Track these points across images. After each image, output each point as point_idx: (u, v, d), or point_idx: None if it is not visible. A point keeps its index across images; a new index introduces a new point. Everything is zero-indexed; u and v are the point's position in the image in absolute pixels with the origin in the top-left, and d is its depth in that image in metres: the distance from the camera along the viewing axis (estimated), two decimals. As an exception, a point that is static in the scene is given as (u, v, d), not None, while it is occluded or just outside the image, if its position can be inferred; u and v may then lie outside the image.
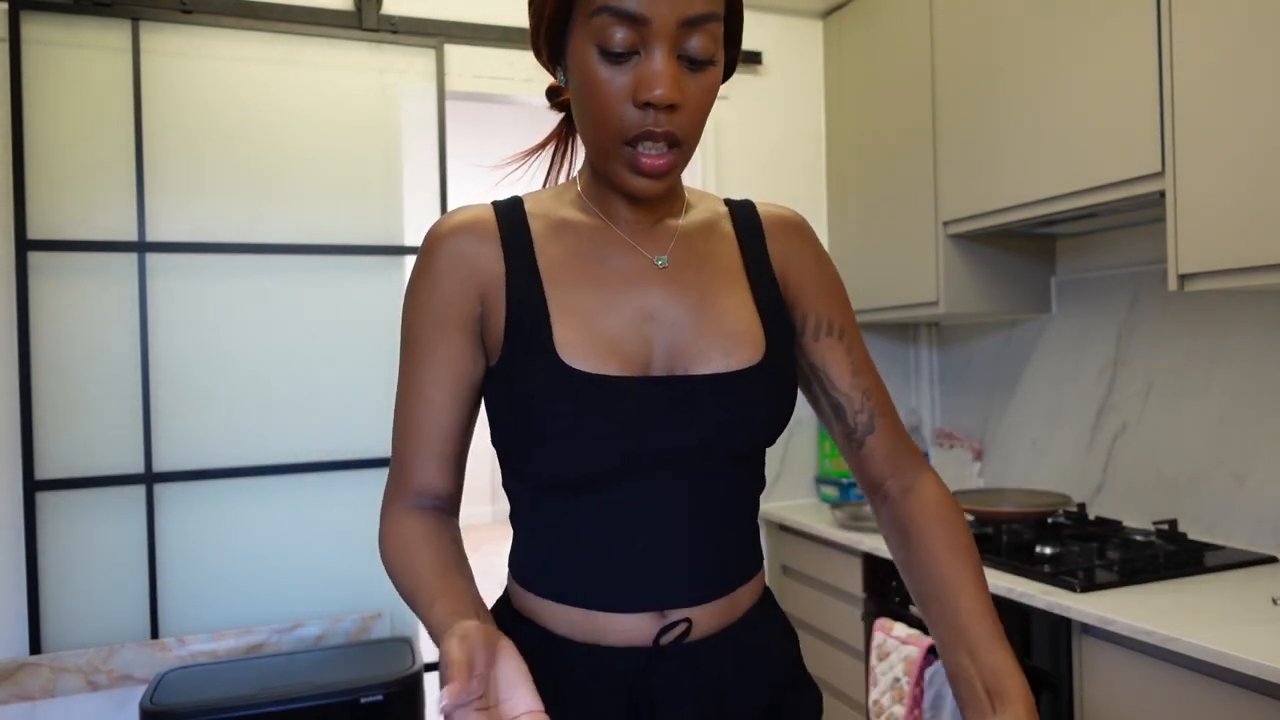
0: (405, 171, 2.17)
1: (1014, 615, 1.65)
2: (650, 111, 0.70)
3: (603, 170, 0.76)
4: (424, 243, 0.83)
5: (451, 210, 0.87)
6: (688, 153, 0.75)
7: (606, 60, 0.70)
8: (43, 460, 1.87)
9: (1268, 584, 1.58)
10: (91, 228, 1.91)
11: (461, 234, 0.80)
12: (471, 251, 0.80)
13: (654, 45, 0.69)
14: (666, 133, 0.71)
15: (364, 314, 2.12)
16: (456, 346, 0.79)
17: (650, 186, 0.74)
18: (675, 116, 0.71)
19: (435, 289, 0.79)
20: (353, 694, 1.71)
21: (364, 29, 2.12)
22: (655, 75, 0.69)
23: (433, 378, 0.79)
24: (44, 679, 1.81)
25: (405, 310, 0.82)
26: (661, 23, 0.69)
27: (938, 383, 2.77)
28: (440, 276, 0.80)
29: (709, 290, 0.81)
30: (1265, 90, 1.43)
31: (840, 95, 2.62)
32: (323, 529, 2.07)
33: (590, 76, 0.71)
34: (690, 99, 0.72)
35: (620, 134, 0.72)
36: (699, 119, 0.74)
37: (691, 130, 0.73)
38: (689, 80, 0.71)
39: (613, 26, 0.69)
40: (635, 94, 0.70)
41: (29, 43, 1.87)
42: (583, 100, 0.73)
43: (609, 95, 0.70)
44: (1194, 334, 1.93)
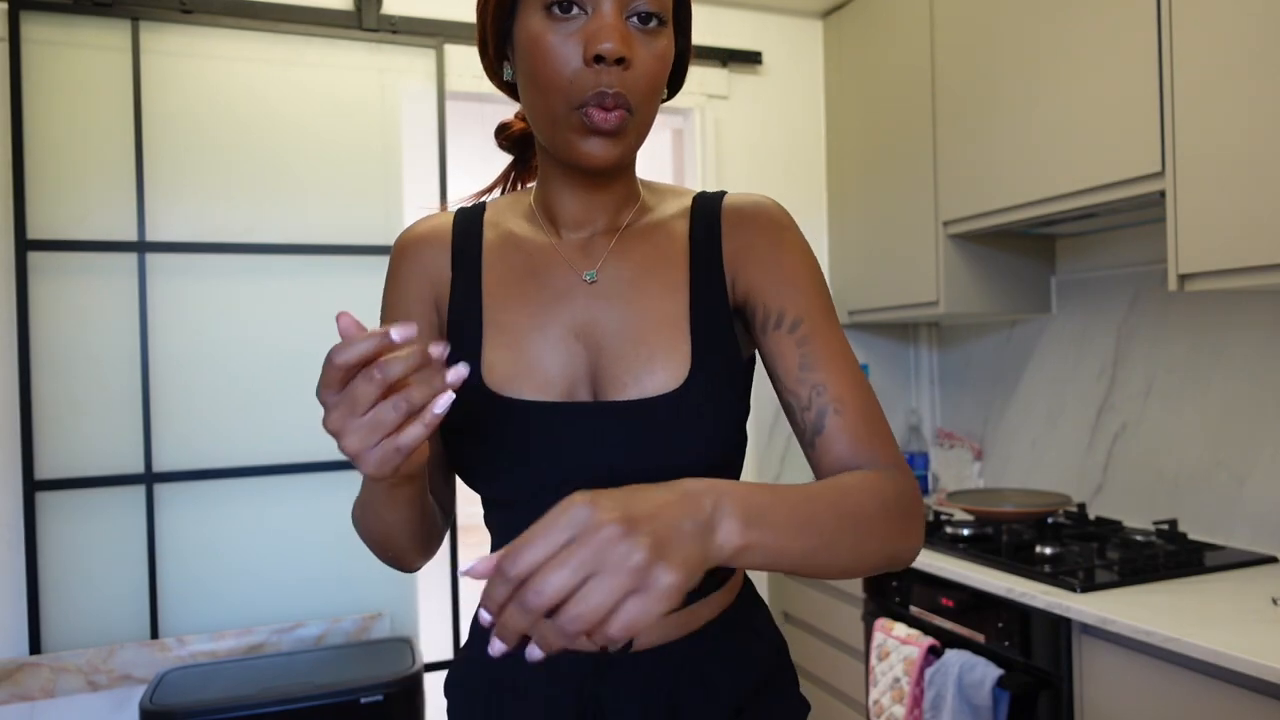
0: (405, 171, 2.17)
1: (1014, 615, 1.65)
2: (601, 69, 0.68)
3: (554, 146, 0.73)
4: (392, 251, 0.84)
5: (418, 219, 0.88)
6: (641, 123, 0.73)
7: (553, 21, 0.69)
8: (43, 460, 1.87)
9: (1268, 584, 1.58)
10: (91, 228, 1.91)
11: (419, 243, 0.82)
12: (428, 260, 0.81)
13: (600, 2, 0.69)
14: (617, 94, 0.69)
15: (364, 314, 2.11)
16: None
17: (604, 149, 0.71)
18: (627, 77, 0.69)
19: (398, 298, 0.81)
20: (353, 694, 1.71)
21: (364, 29, 2.12)
22: (603, 29, 0.68)
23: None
24: (44, 679, 1.81)
25: (380, 318, 0.83)
26: None
27: (938, 383, 2.77)
28: (401, 284, 0.81)
29: (637, 306, 0.77)
30: (1265, 91, 1.43)
31: (840, 95, 2.62)
32: (323, 529, 2.07)
33: (537, 41, 0.70)
34: (640, 60, 0.70)
35: (570, 96, 0.69)
36: (652, 85, 0.72)
37: (645, 95, 0.71)
38: (639, 41, 0.70)
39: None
40: (585, 51, 0.68)
41: (29, 42, 1.87)
42: (531, 70, 0.71)
43: (558, 56, 0.69)
44: (1194, 334, 1.93)
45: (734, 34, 2.57)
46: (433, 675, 2.14)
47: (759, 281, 0.78)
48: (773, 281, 0.78)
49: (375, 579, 2.11)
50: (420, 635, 2.17)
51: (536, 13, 0.70)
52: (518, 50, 0.73)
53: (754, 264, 0.79)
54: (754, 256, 0.79)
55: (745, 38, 2.59)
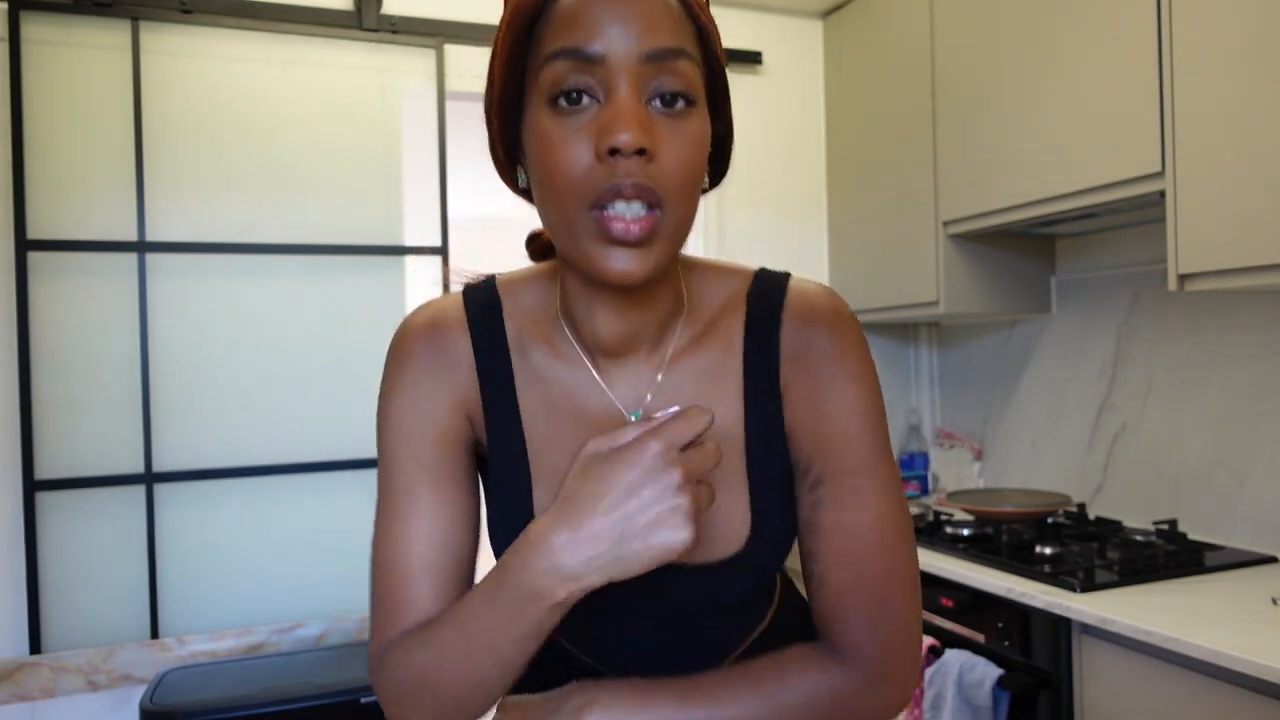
0: (405, 171, 2.17)
1: (1014, 615, 1.65)
2: (617, 163, 0.57)
3: (573, 259, 0.62)
4: (391, 349, 0.73)
5: (417, 309, 0.75)
6: (676, 225, 0.61)
7: (560, 113, 0.59)
8: (43, 460, 1.87)
9: (1267, 584, 1.58)
10: (91, 228, 1.91)
11: (435, 349, 0.71)
12: (448, 374, 0.71)
13: (614, 87, 0.58)
14: (638, 186, 0.57)
15: (364, 314, 2.12)
16: (445, 484, 0.69)
17: (629, 266, 0.59)
18: (650, 169, 0.58)
19: (430, 411, 0.70)
20: (353, 694, 1.71)
21: (364, 29, 2.12)
22: (618, 116, 0.57)
23: (419, 523, 0.68)
24: (44, 679, 1.81)
25: (378, 428, 0.72)
26: (619, 58, 0.58)
27: (938, 383, 2.77)
28: (424, 395, 0.70)
29: None
30: (1265, 90, 1.43)
31: (840, 95, 2.62)
32: (323, 529, 2.07)
33: (545, 138, 0.60)
34: (667, 148, 0.59)
35: (583, 196, 0.58)
36: (684, 175, 0.60)
37: (677, 189, 0.59)
38: (664, 126, 0.59)
39: (564, 73, 0.59)
40: (598, 145, 0.58)
41: (29, 43, 1.87)
42: (540, 172, 0.61)
43: (567, 153, 0.59)
44: (1194, 334, 1.93)
45: (734, 34, 2.57)
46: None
47: (802, 422, 0.70)
48: (813, 426, 0.70)
49: (375, 579, 2.11)
50: (420, 635, 2.17)
51: (542, 108, 0.60)
52: (527, 151, 0.63)
53: (803, 405, 0.70)
54: (805, 394, 0.70)
55: (745, 38, 2.59)
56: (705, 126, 0.62)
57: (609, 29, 0.58)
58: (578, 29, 0.59)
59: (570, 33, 0.59)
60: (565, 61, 0.59)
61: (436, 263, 2.19)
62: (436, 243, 2.19)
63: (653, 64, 0.59)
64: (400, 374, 0.72)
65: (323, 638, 2.02)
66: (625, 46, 0.58)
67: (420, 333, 0.72)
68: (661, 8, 0.60)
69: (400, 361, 0.72)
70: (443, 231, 2.20)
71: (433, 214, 2.19)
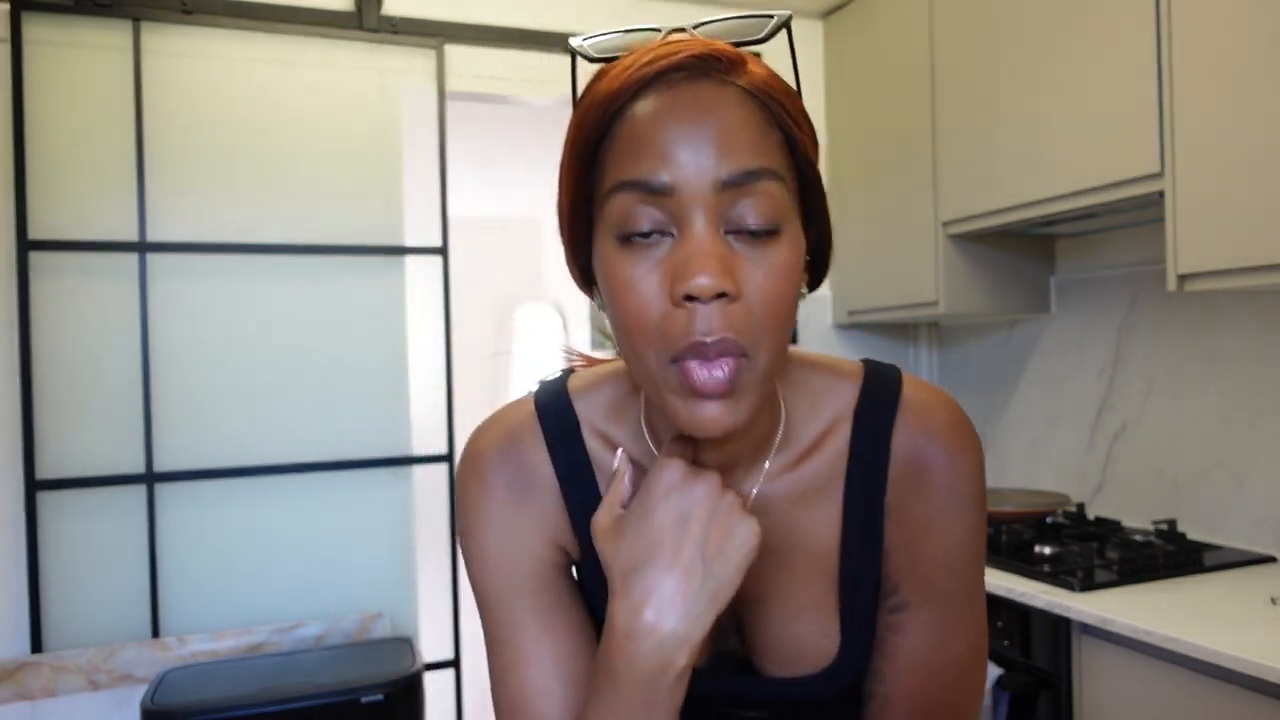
0: (405, 171, 2.17)
1: (1013, 615, 1.65)
2: (695, 311, 0.51)
3: (656, 404, 0.58)
4: (465, 471, 0.67)
5: (488, 425, 0.69)
6: (766, 366, 0.54)
7: (629, 250, 0.53)
8: (44, 460, 1.87)
9: (1267, 584, 1.58)
10: (92, 228, 1.92)
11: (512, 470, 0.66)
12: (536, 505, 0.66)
13: (687, 220, 0.52)
14: (721, 342, 0.51)
15: (364, 314, 2.12)
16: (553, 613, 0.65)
17: (717, 417, 0.53)
18: (733, 312, 0.51)
19: (500, 545, 0.65)
20: (353, 694, 1.71)
21: (364, 29, 2.12)
22: (693, 256, 0.51)
23: (536, 660, 0.64)
24: (45, 678, 1.81)
25: (469, 563, 0.67)
26: (691, 189, 0.51)
27: (937, 383, 2.77)
28: (502, 526, 0.65)
29: (780, 583, 0.65)
30: (1265, 90, 1.43)
31: (840, 95, 2.62)
32: (323, 529, 2.07)
33: (613, 275, 0.54)
34: (751, 285, 0.52)
35: (661, 348, 0.53)
36: (772, 312, 0.53)
37: (765, 330, 0.53)
38: (745, 260, 0.52)
39: (631, 205, 0.53)
40: (672, 289, 0.51)
41: (30, 43, 1.88)
42: (612, 311, 0.55)
43: (639, 296, 0.53)
44: (1194, 334, 1.94)
45: (734, 34, 2.57)
46: (433, 675, 2.14)
47: (902, 543, 0.65)
48: (913, 549, 0.65)
49: (375, 579, 2.11)
50: (420, 635, 2.17)
51: (610, 241, 0.54)
52: (599, 281, 0.57)
53: (907, 525, 0.65)
54: (912, 514, 0.64)
55: (745, 38, 2.59)
56: (795, 250, 0.55)
57: (678, 154, 0.51)
58: (644, 156, 0.52)
59: (636, 161, 0.52)
60: (631, 194, 0.52)
61: (437, 263, 2.19)
62: (437, 243, 2.19)
63: (732, 189, 0.52)
64: (483, 505, 0.66)
65: (323, 638, 2.02)
66: (698, 174, 0.51)
67: (497, 458, 0.66)
68: (738, 121, 0.53)
69: (480, 491, 0.66)
70: (443, 231, 2.20)
71: (433, 214, 2.19)
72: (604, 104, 0.54)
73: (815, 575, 0.65)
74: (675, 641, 0.54)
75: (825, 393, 0.66)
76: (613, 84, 0.54)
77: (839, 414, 0.65)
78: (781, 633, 0.66)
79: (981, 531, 0.65)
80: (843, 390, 0.66)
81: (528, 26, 2.31)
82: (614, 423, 0.67)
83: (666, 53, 0.54)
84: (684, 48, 0.54)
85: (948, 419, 0.65)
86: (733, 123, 0.53)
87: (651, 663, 0.54)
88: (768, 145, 0.54)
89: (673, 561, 0.55)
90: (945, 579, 0.64)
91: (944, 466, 0.63)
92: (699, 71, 0.54)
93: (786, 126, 0.55)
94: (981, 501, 0.65)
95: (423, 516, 2.20)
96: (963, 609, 0.65)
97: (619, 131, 0.54)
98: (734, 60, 0.55)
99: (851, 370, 0.68)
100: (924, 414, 0.65)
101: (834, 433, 0.65)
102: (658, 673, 0.54)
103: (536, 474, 0.66)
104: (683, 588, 0.54)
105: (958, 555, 0.64)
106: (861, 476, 0.65)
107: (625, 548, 0.56)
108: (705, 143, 0.52)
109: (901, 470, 0.64)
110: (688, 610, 0.54)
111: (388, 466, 2.12)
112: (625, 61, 0.55)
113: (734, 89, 0.54)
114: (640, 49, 0.55)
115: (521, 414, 0.68)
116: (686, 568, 0.54)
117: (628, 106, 0.54)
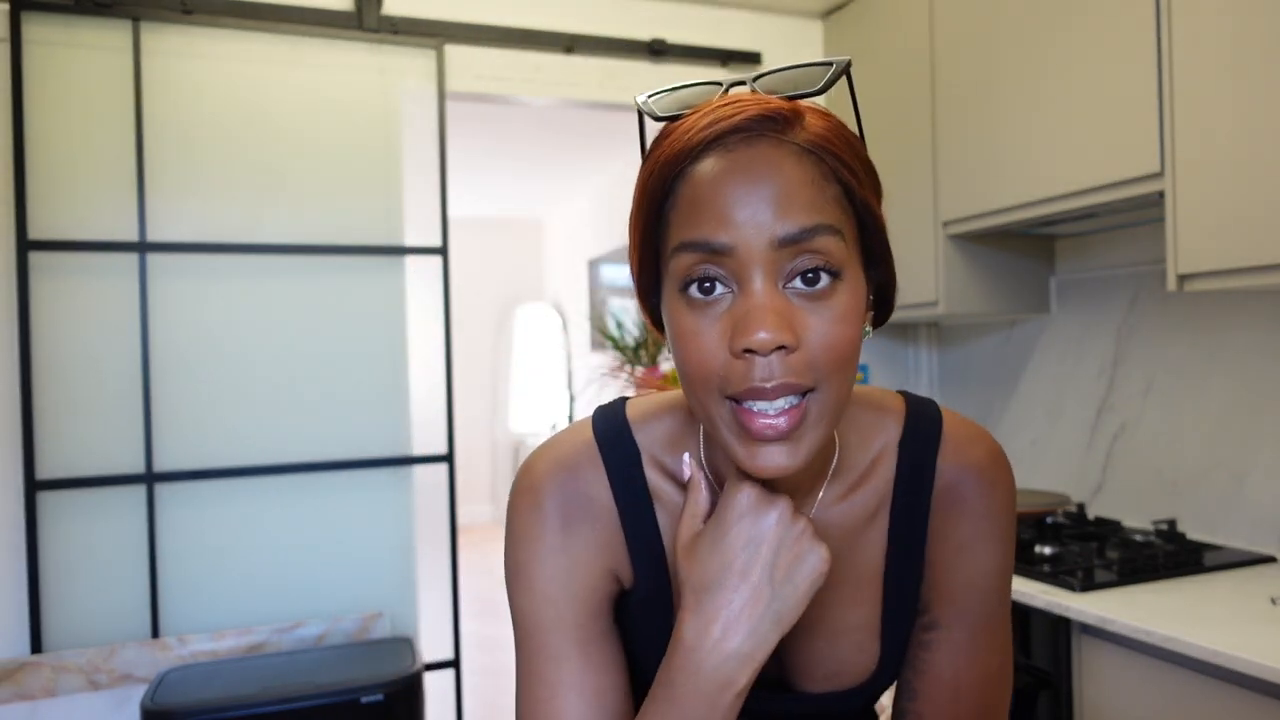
0: (405, 171, 2.18)
1: (1013, 615, 1.65)
2: (755, 363, 0.54)
3: (718, 444, 0.60)
4: (521, 496, 0.67)
5: (546, 448, 0.69)
6: (829, 405, 0.56)
7: (692, 306, 0.56)
8: (43, 460, 1.87)
9: (1266, 584, 1.58)
10: (92, 228, 1.92)
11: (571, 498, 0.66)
12: (590, 517, 0.67)
13: (747, 277, 0.54)
14: (783, 385, 0.54)
15: (364, 314, 2.12)
16: (596, 647, 0.65)
17: (778, 461, 0.55)
18: (793, 361, 0.54)
19: (554, 575, 0.65)
20: (353, 694, 1.71)
21: (364, 29, 2.12)
22: (751, 312, 0.53)
23: (574, 695, 0.64)
24: (45, 678, 1.81)
25: (516, 588, 0.66)
26: (749, 248, 0.54)
27: (937, 383, 2.77)
28: (558, 555, 0.65)
29: (828, 606, 0.68)
30: (1265, 91, 1.43)
31: (840, 95, 2.62)
32: (323, 529, 2.08)
33: (677, 325, 0.57)
34: (811, 335, 0.54)
35: (722, 390, 0.55)
36: (834, 356, 0.55)
37: (827, 371, 0.55)
38: (804, 312, 0.55)
39: (694, 264, 0.55)
40: (732, 343, 0.54)
41: (29, 43, 1.88)
42: (677, 360, 0.58)
43: (702, 347, 0.55)
44: (1194, 334, 1.94)
45: (734, 34, 2.58)
46: (433, 675, 2.15)
47: (937, 564, 0.69)
48: (947, 571, 0.69)
49: (375, 579, 2.11)
50: (420, 635, 2.17)
51: (675, 294, 0.57)
52: (665, 328, 0.61)
53: (943, 548, 0.69)
54: (948, 538, 0.69)
55: (745, 38, 2.60)
56: (855, 296, 0.57)
57: (737, 214, 0.54)
58: (704, 218, 0.55)
59: (697, 223, 0.55)
60: (694, 253, 0.55)
61: (437, 263, 2.19)
62: (437, 243, 2.19)
63: (789, 247, 0.54)
64: (540, 535, 0.66)
65: (323, 638, 2.02)
66: (755, 233, 0.54)
67: (556, 484, 0.67)
68: (795, 179, 0.55)
69: (537, 521, 0.66)
70: (443, 231, 2.20)
71: (433, 214, 2.20)
72: (667, 166, 0.57)
73: (861, 597, 0.69)
74: (739, 660, 0.57)
75: (873, 425, 0.69)
76: (674, 146, 0.57)
77: (886, 446, 0.69)
78: (824, 653, 0.69)
79: (1010, 559, 0.69)
80: (888, 423, 0.70)
81: (528, 26, 2.31)
82: (673, 454, 0.69)
83: (725, 115, 0.56)
84: (742, 109, 0.56)
85: (986, 453, 0.70)
86: (789, 181, 0.55)
87: (715, 679, 0.57)
88: (824, 200, 0.56)
89: (741, 582, 0.58)
90: (977, 602, 0.68)
91: (981, 498, 0.68)
92: (756, 133, 0.56)
93: (843, 176, 0.57)
94: (1012, 532, 0.69)
95: (423, 516, 2.20)
96: (991, 630, 0.68)
97: (681, 192, 0.56)
98: (790, 118, 0.57)
99: (895, 403, 0.71)
100: (964, 448, 0.69)
101: (881, 463, 0.69)
102: (719, 689, 0.57)
103: (596, 503, 0.67)
104: (750, 609, 0.57)
105: (988, 580, 0.68)
106: (906, 505, 0.68)
107: (699, 567, 0.59)
108: (762, 203, 0.54)
109: (941, 499, 0.68)
110: (753, 630, 0.57)
111: (388, 466, 2.12)
112: (686, 123, 0.57)
113: (791, 147, 0.56)
114: (701, 107, 0.58)
115: (579, 442, 0.69)
116: (755, 589, 0.58)
117: (689, 168, 0.56)
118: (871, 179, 0.60)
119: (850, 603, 0.69)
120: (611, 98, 2.41)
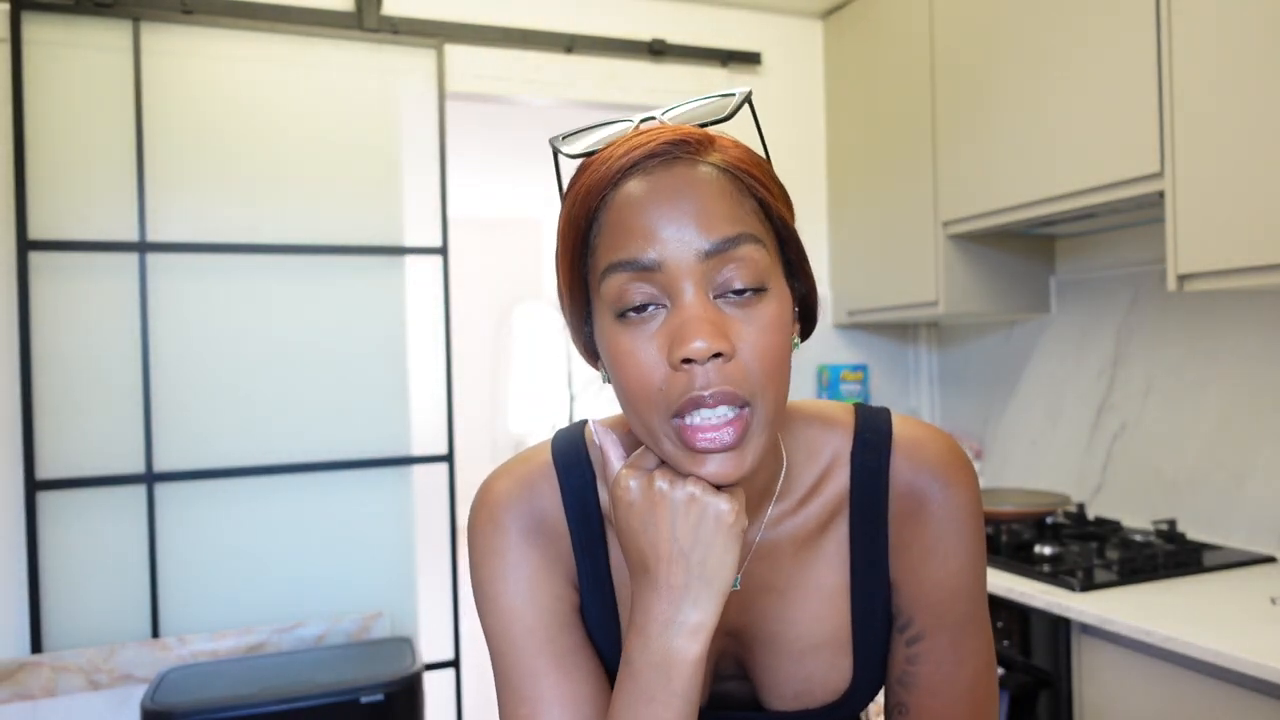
0: (405, 172, 2.18)
1: (1013, 615, 1.65)
2: (694, 372, 0.55)
3: (664, 459, 0.60)
4: (480, 518, 0.68)
5: (504, 471, 0.71)
6: (768, 414, 0.58)
7: (626, 324, 0.57)
8: (44, 460, 1.87)
9: (1266, 584, 1.58)
10: (92, 228, 1.92)
11: (530, 517, 0.68)
12: (552, 551, 0.68)
13: (678, 290, 0.56)
14: (722, 394, 0.55)
15: (364, 314, 2.12)
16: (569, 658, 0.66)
17: (724, 468, 0.57)
18: (730, 370, 0.55)
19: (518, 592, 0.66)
20: (353, 694, 1.71)
21: (364, 29, 2.12)
22: (686, 324, 0.55)
23: (553, 710, 0.64)
24: (45, 678, 1.81)
25: (484, 610, 0.67)
26: (677, 262, 0.56)
27: (937, 383, 2.77)
28: (519, 572, 0.66)
29: (794, 621, 0.69)
30: (1265, 90, 1.43)
31: (840, 95, 2.62)
32: (323, 529, 2.07)
33: (615, 350, 0.58)
34: (744, 343, 0.56)
35: (665, 407, 0.56)
36: (768, 364, 0.57)
37: (765, 378, 0.57)
38: (737, 320, 0.56)
39: (624, 284, 0.57)
40: (670, 355, 0.55)
41: (30, 43, 1.88)
42: (616, 382, 0.59)
43: (640, 365, 0.57)
44: (1194, 334, 1.94)
45: (734, 34, 2.58)
46: (433, 675, 2.15)
47: (908, 575, 0.69)
48: (919, 580, 0.68)
49: (375, 579, 2.11)
50: (420, 635, 2.17)
51: (609, 318, 0.58)
52: (601, 355, 0.62)
53: (910, 557, 0.69)
54: (914, 546, 0.68)
55: (745, 38, 2.60)
56: (782, 305, 0.59)
57: (662, 231, 0.56)
58: (630, 238, 0.56)
59: (624, 244, 0.57)
60: (623, 273, 0.56)
61: (437, 263, 2.19)
62: (437, 243, 2.19)
63: (715, 257, 0.56)
64: (500, 551, 0.67)
65: (323, 638, 2.02)
66: (682, 248, 0.56)
67: (514, 501, 0.68)
68: (714, 194, 0.57)
69: (498, 537, 0.67)
70: (443, 231, 2.20)
71: (433, 214, 2.19)
72: (590, 195, 0.59)
73: (827, 613, 0.69)
74: (689, 630, 0.58)
75: (819, 438, 0.70)
76: (594, 176, 0.59)
77: (835, 457, 0.69)
78: (793, 671, 0.69)
79: (982, 556, 0.69)
80: (836, 435, 0.70)
81: (528, 27, 2.31)
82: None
83: (641, 143, 0.58)
84: (656, 135, 0.59)
85: (939, 452, 0.69)
86: (709, 197, 0.57)
87: (666, 652, 0.58)
88: (743, 213, 0.58)
89: (658, 560, 0.59)
90: (953, 604, 0.68)
91: (940, 498, 0.68)
92: (673, 155, 0.58)
93: (758, 193, 0.60)
94: (980, 528, 0.69)
95: (423, 516, 2.20)
96: (973, 629, 0.68)
97: (605, 219, 0.58)
98: (702, 141, 0.59)
99: (844, 416, 0.72)
100: (916, 449, 0.69)
101: (831, 476, 0.69)
102: (672, 662, 0.58)
103: (550, 521, 0.68)
104: (680, 577, 0.58)
105: (961, 579, 0.68)
106: (863, 514, 0.68)
107: (629, 555, 0.61)
108: (686, 218, 0.56)
109: (901, 505, 0.68)
110: (685, 594, 0.58)
111: (388, 466, 2.12)
112: (603, 155, 0.60)
113: (706, 166, 0.58)
114: (616, 141, 0.60)
115: (538, 462, 0.70)
116: (670, 562, 0.58)
117: (611, 194, 0.58)
118: (784, 196, 0.63)
119: (815, 618, 0.69)
120: (611, 98, 2.41)
